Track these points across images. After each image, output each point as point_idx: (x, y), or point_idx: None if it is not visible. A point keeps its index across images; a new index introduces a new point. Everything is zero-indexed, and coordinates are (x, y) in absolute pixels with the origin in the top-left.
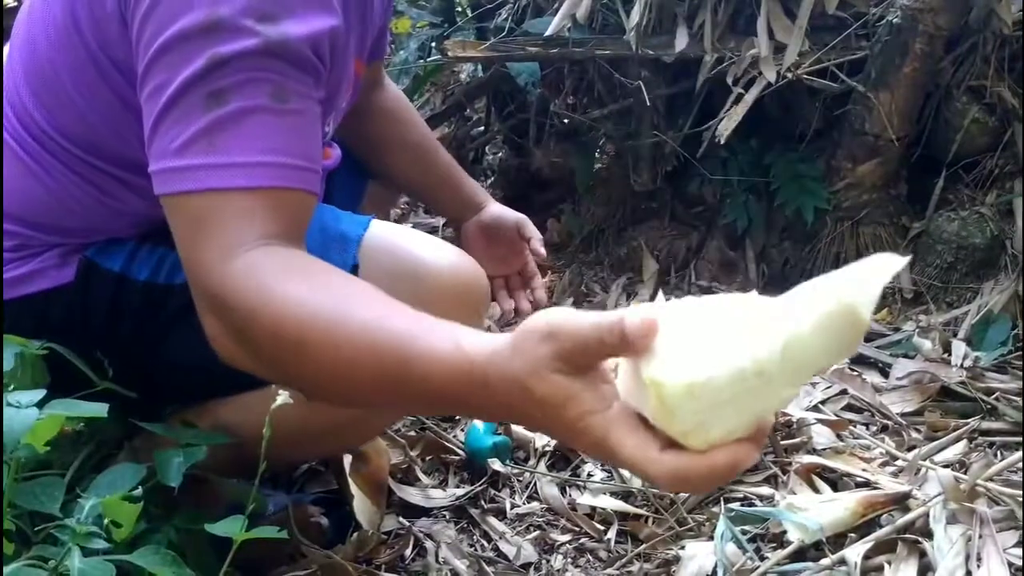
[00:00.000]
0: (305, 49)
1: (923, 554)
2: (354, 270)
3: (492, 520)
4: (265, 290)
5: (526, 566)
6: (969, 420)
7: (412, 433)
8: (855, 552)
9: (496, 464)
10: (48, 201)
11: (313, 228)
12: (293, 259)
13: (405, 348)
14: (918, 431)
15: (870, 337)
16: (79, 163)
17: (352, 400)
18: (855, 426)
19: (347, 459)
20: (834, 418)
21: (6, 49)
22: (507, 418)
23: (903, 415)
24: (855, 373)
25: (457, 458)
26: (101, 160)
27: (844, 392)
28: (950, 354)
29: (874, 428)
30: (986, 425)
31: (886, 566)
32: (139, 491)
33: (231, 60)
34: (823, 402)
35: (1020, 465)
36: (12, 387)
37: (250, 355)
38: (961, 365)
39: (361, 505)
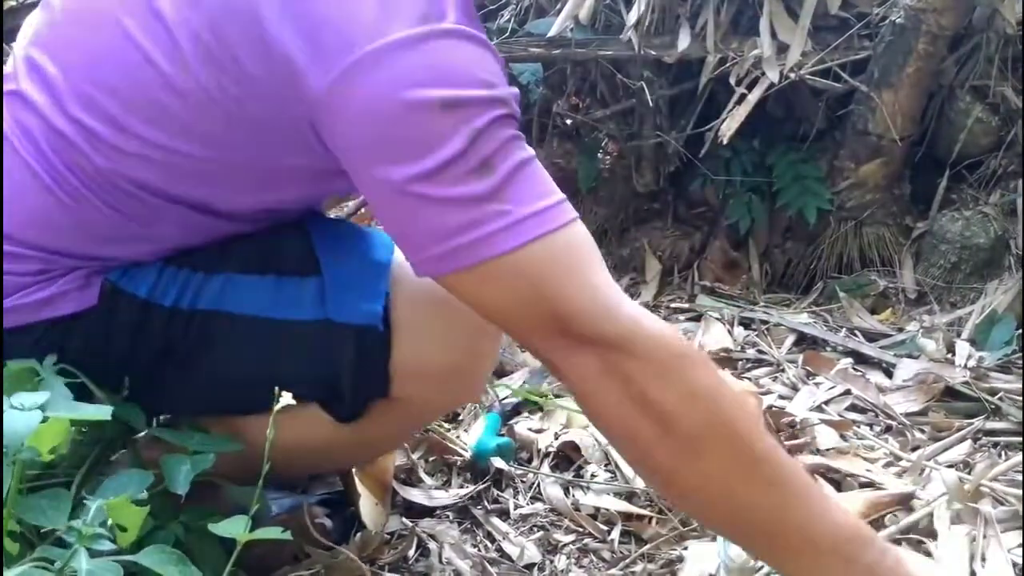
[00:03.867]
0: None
1: (927, 554)
2: (385, 296)
3: (495, 520)
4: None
5: (529, 567)
6: (973, 420)
7: (416, 434)
8: None
9: (499, 462)
10: (70, 227)
11: (351, 253)
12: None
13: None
14: (922, 431)
15: (873, 337)
16: (120, 194)
17: (715, 524)
18: (859, 426)
19: None
20: (838, 418)
21: (13, 48)
22: None
23: (907, 415)
24: (859, 373)
25: (460, 459)
26: (148, 193)
27: (848, 392)
28: (954, 354)
29: (878, 428)
30: (990, 425)
31: None
32: (145, 495)
33: (486, 129)
34: (827, 402)
35: (1022, 463)
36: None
37: (650, 416)
38: (965, 365)
39: (367, 505)
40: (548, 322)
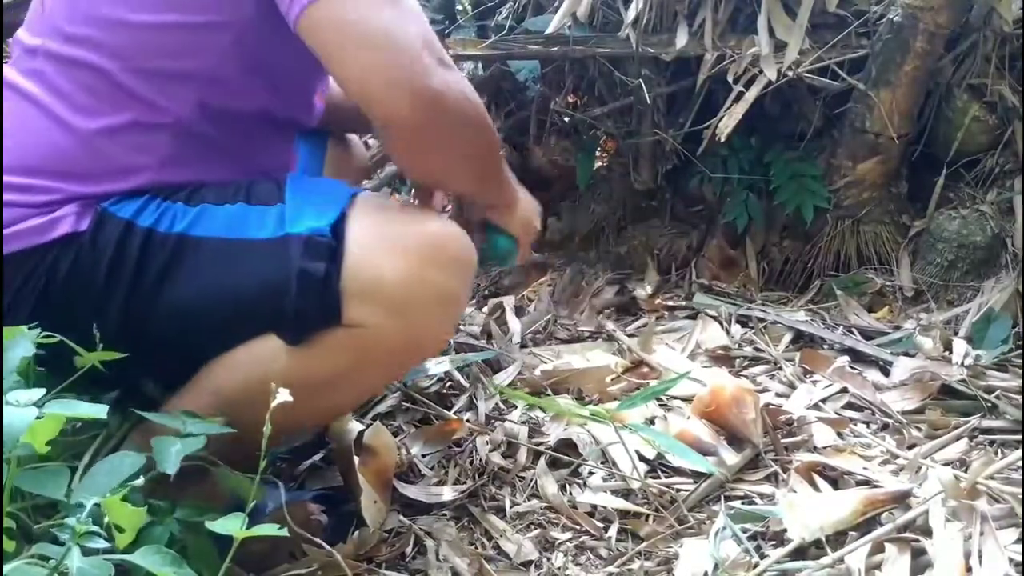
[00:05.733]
0: None
1: (923, 552)
2: (342, 218)
3: (492, 518)
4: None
5: (527, 564)
6: (970, 418)
7: (413, 428)
8: (856, 550)
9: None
10: (76, 147)
11: (316, 189)
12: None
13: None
14: (919, 429)
15: (870, 335)
16: (126, 85)
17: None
18: (856, 424)
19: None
20: (835, 416)
21: (14, 40)
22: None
23: (904, 413)
24: (856, 371)
25: (458, 450)
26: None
27: (844, 390)
28: (951, 352)
29: (875, 426)
30: (987, 423)
31: (886, 564)
32: (140, 481)
33: None
34: (824, 400)
35: (1020, 463)
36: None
37: (433, 126)
38: (962, 363)
39: (368, 500)
40: (407, 50)
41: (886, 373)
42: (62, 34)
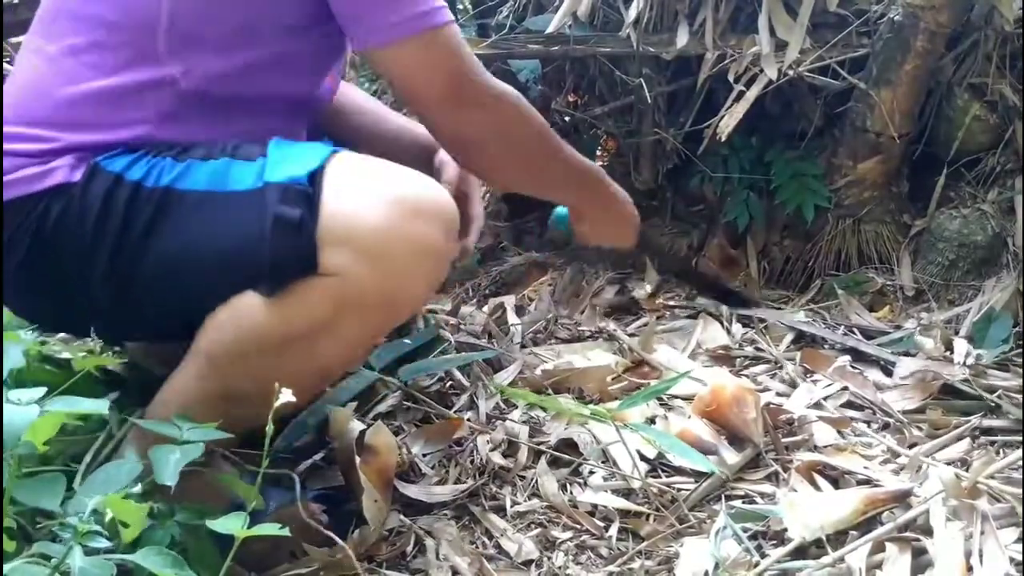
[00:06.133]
0: None
1: (924, 551)
2: (320, 169)
3: (493, 517)
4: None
5: (527, 563)
6: (971, 418)
7: (414, 428)
8: (856, 550)
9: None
10: (79, 99)
11: (297, 145)
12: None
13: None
14: (920, 429)
15: (872, 335)
16: (138, 42)
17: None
18: (857, 423)
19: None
20: (835, 416)
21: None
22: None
23: (905, 412)
24: (857, 371)
25: (459, 449)
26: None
27: (845, 389)
28: (952, 352)
29: (876, 426)
30: (988, 423)
31: (887, 563)
32: (138, 488)
33: None
34: (825, 399)
35: (1021, 463)
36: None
37: (494, 133)
38: (963, 363)
39: (369, 499)
40: (452, 83)
41: (887, 372)
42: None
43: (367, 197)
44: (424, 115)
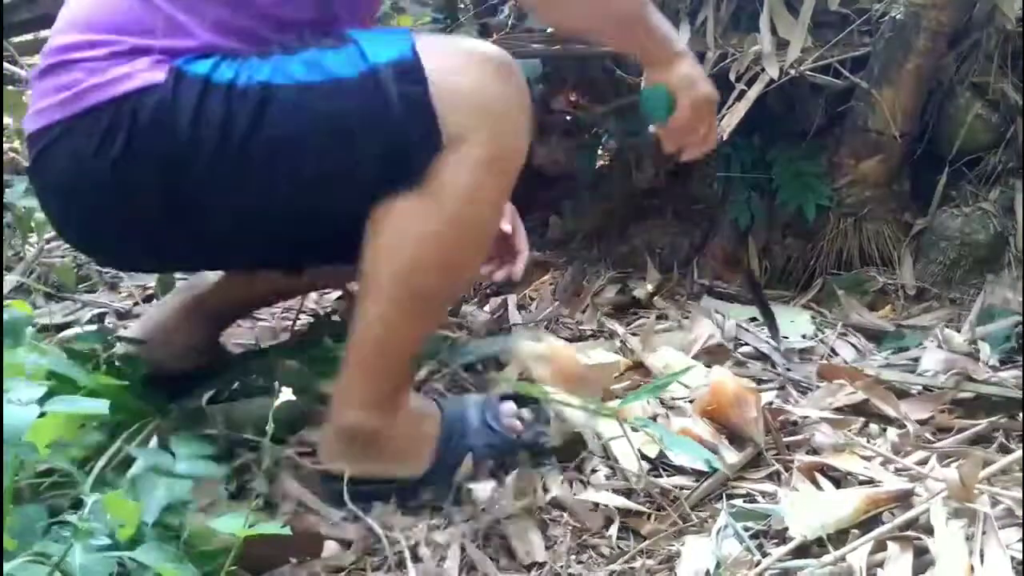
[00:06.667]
0: None
1: (925, 550)
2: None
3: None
4: None
5: (529, 565)
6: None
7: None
8: (858, 549)
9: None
10: (138, 11)
11: (378, 31)
12: None
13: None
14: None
15: (874, 335)
16: None
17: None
18: (857, 422)
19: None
20: (837, 416)
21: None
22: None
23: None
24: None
25: None
26: None
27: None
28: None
29: (878, 425)
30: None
31: (888, 562)
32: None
33: None
34: (826, 399)
35: (1021, 462)
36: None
37: None
38: (987, 362)
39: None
40: None
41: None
42: None
43: (463, 67)
44: None
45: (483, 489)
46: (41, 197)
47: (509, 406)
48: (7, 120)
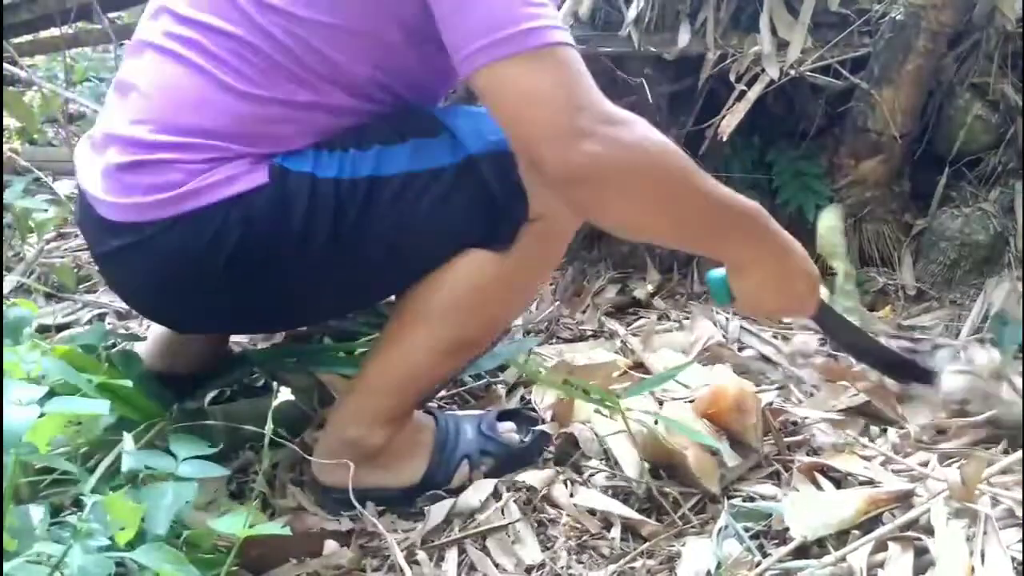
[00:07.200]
0: None
1: (926, 550)
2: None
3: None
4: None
5: (529, 567)
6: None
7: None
8: (858, 549)
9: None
10: (232, 108)
11: (463, 113)
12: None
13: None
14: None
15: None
16: (271, 72)
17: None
18: (858, 423)
19: None
20: (838, 416)
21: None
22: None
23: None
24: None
25: None
26: (292, 63)
27: (847, 388)
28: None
29: (878, 425)
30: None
31: (888, 562)
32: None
33: None
34: (828, 401)
35: (1021, 462)
36: None
37: (596, 181)
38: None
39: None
40: (564, 112)
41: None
42: (231, 10)
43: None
44: (529, 149)
45: (480, 493)
46: (126, 284)
47: (507, 424)
48: (7, 120)
